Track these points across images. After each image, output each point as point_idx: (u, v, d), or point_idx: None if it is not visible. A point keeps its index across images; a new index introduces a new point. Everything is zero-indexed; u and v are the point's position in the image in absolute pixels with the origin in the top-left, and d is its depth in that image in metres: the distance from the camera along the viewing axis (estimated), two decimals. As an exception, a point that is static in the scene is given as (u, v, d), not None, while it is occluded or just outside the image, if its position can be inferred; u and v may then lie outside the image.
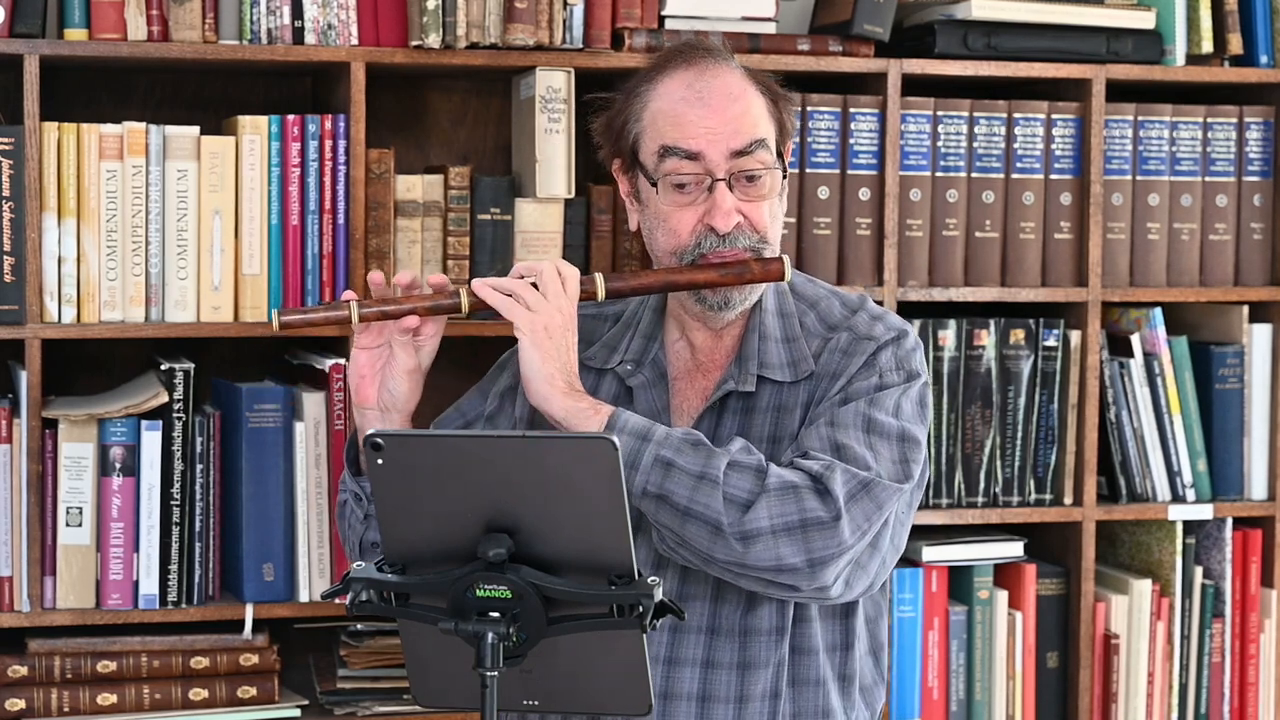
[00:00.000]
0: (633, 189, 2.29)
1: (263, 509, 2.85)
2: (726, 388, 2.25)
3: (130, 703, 2.84)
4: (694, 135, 2.20)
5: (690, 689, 2.20)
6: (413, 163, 3.13)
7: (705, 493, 2.08)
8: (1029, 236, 3.12)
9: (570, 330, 2.18)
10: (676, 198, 2.22)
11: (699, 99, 2.21)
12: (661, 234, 2.24)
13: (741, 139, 2.20)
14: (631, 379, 2.29)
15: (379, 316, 2.22)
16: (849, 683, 2.25)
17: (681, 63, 2.24)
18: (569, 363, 2.17)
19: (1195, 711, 3.23)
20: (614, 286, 2.25)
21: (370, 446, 1.82)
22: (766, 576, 2.10)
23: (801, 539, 2.07)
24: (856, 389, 2.19)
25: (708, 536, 2.08)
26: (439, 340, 2.29)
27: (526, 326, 2.16)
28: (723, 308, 2.24)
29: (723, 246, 2.21)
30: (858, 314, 2.28)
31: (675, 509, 2.09)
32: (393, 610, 1.89)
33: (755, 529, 2.07)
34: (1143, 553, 3.26)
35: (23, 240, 2.75)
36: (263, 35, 2.83)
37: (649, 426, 2.13)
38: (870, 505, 2.11)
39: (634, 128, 2.25)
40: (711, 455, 2.10)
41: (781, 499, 2.08)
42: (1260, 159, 3.22)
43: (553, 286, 2.19)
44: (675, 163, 2.20)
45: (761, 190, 2.22)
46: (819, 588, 2.11)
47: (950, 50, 3.05)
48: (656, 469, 2.09)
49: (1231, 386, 3.23)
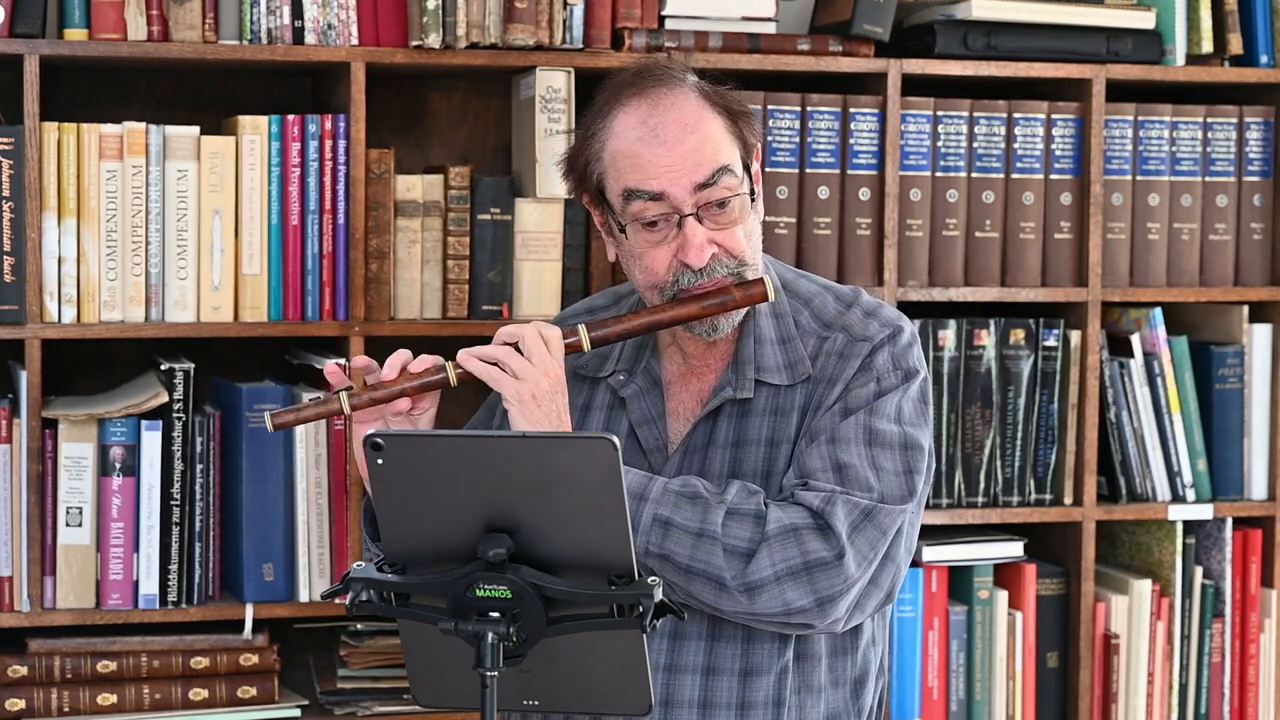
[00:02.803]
0: (606, 223, 2.25)
1: (263, 509, 2.85)
2: (724, 395, 2.23)
3: (130, 703, 2.84)
4: (654, 176, 2.15)
5: (691, 696, 2.19)
6: (413, 163, 3.13)
7: (705, 550, 2.07)
8: (1029, 236, 3.12)
9: (559, 392, 2.15)
10: (648, 236, 2.17)
11: (654, 137, 2.15)
12: (639, 271, 2.21)
13: (703, 171, 2.15)
14: (624, 389, 2.27)
15: (370, 404, 2.20)
16: (859, 686, 2.25)
17: (634, 94, 2.18)
18: (561, 427, 2.14)
19: (1195, 711, 3.23)
20: (598, 335, 2.21)
21: (370, 447, 1.82)
22: (777, 621, 2.10)
23: (807, 581, 2.07)
24: (856, 397, 2.18)
25: (712, 592, 2.08)
26: (435, 410, 2.24)
27: (514, 396, 2.13)
28: (712, 332, 2.21)
29: (701, 279, 2.17)
30: (852, 309, 2.25)
31: (678, 568, 2.08)
32: (393, 610, 1.89)
33: (759, 579, 2.07)
34: (1143, 553, 3.26)
35: (23, 240, 2.75)
36: (263, 35, 2.83)
37: (645, 484, 2.11)
38: (874, 533, 2.11)
39: (595, 168, 2.20)
40: (709, 509, 2.09)
41: (783, 544, 2.07)
42: (1260, 159, 3.22)
43: (536, 349, 2.14)
44: (641, 205, 2.16)
45: (732, 216, 2.17)
46: (831, 622, 2.11)
47: (950, 50, 3.05)
48: (656, 529, 2.09)
49: (1231, 386, 3.23)
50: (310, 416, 2.21)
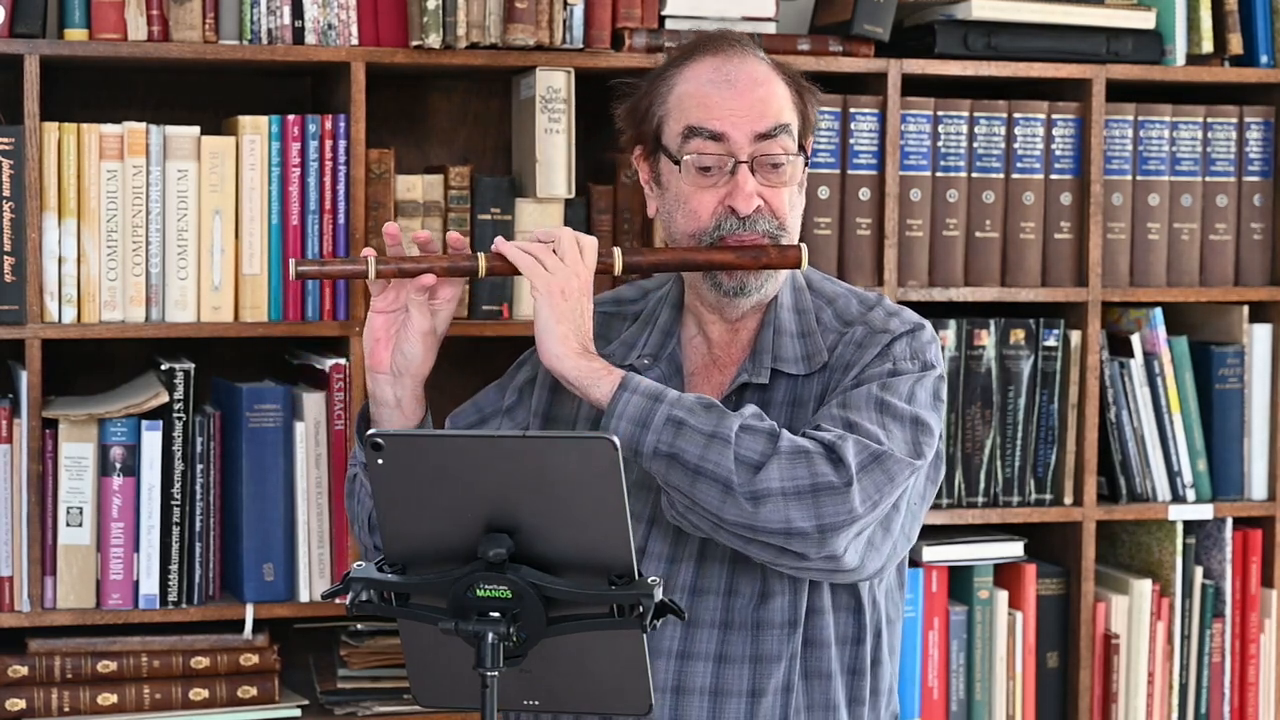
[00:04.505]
0: (653, 174, 2.31)
1: (263, 509, 2.85)
2: (741, 380, 2.26)
3: (130, 703, 2.84)
4: (719, 116, 2.22)
5: (703, 683, 2.20)
6: (413, 163, 3.13)
7: (716, 451, 2.08)
8: (1029, 236, 3.12)
9: (586, 295, 2.20)
10: (699, 179, 2.24)
11: (726, 81, 2.24)
12: (681, 216, 2.26)
13: (766, 122, 2.23)
14: (648, 373, 2.30)
15: (396, 273, 2.24)
16: (859, 676, 2.25)
17: (709, 50, 2.28)
18: (584, 326, 2.19)
19: (1195, 711, 3.23)
20: (631, 261, 2.27)
21: (370, 447, 1.82)
22: (776, 541, 2.09)
23: (812, 503, 2.07)
24: (869, 374, 2.21)
25: (718, 495, 2.08)
26: (455, 305, 2.30)
27: (544, 287, 2.18)
28: (738, 293, 2.25)
29: (742, 230, 2.23)
30: (874, 310, 2.30)
31: (686, 467, 2.09)
32: (393, 610, 1.89)
33: (765, 489, 2.07)
34: (1143, 553, 3.26)
35: (23, 240, 2.75)
36: (263, 35, 2.83)
37: (661, 389, 2.14)
38: (882, 476, 2.11)
39: (658, 110, 2.28)
40: (724, 416, 2.11)
41: (793, 462, 2.08)
42: (1260, 159, 3.22)
43: (571, 253, 2.21)
44: (700, 143, 2.23)
45: (783, 177, 2.25)
46: (828, 555, 2.10)
47: (950, 50, 3.05)
48: (668, 428, 2.10)
49: (1231, 386, 3.23)
50: (334, 273, 2.29)
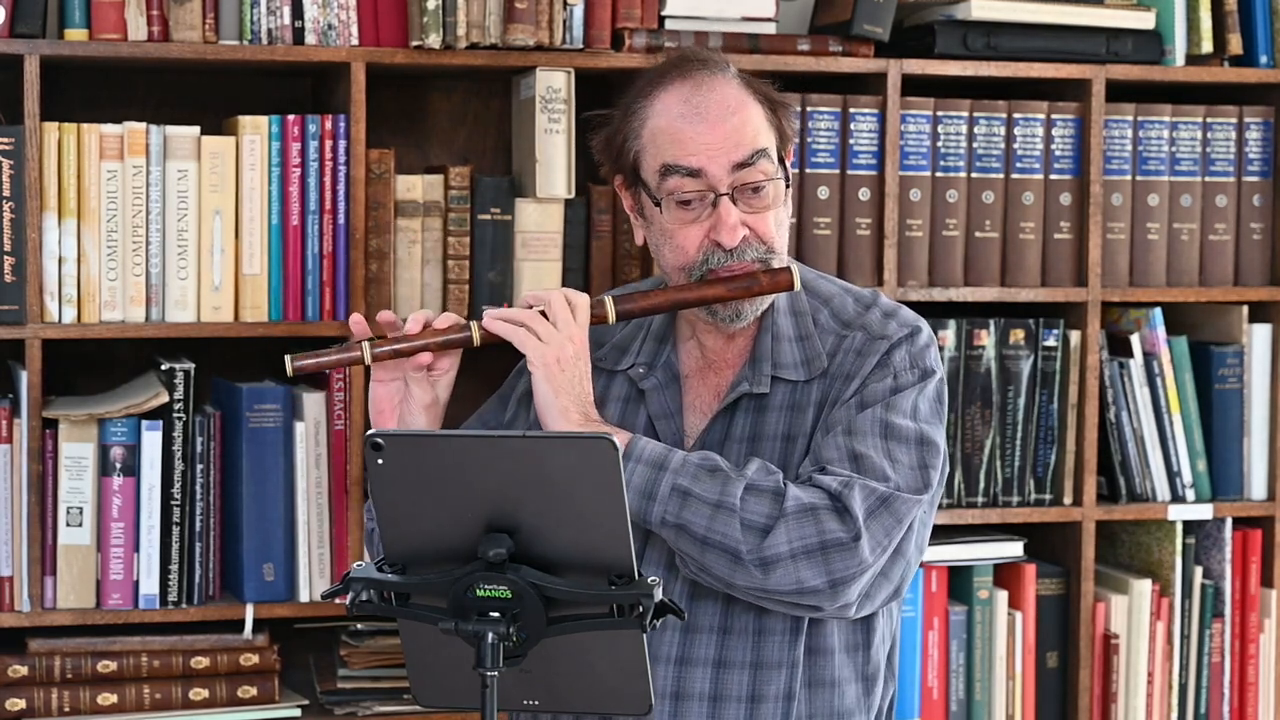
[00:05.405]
0: (636, 204, 2.28)
1: (263, 509, 2.85)
2: (741, 389, 2.24)
3: (130, 703, 2.84)
4: (694, 152, 2.18)
5: (702, 689, 2.20)
6: (413, 163, 3.13)
7: (723, 521, 2.08)
8: (1029, 236, 3.12)
9: (583, 359, 2.18)
10: (681, 215, 2.21)
11: (697, 114, 2.19)
12: (668, 251, 2.24)
13: (742, 151, 2.19)
14: (644, 382, 2.29)
15: (391, 356, 2.23)
16: (870, 683, 2.25)
17: (677, 76, 2.23)
18: (583, 392, 2.17)
19: (1195, 711, 3.23)
20: (624, 309, 2.25)
21: (370, 447, 1.82)
22: (789, 600, 2.10)
23: (822, 561, 2.08)
24: (872, 391, 2.19)
25: (727, 564, 2.09)
26: (455, 374, 2.28)
27: (539, 359, 2.16)
28: (734, 319, 2.24)
29: (730, 260, 2.20)
30: (871, 310, 2.28)
31: (694, 538, 2.09)
32: (393, 610, 1.89)
33: (774, 554, 2.07)
34: (1142, 553, 3.26)
35: (23, 240, 2.75)
36: (263, 35, 2.83)
37: (665, 454, 2.12)
38: (890, 520, 2.11)
39: (633, 145, 2.24)
40: (728, 482, 2.10)
41: (800, 522, 2.08)
42: (1260, 159, 3.22)
43: (562, 315, 2.18)
44: (677, 181, 2.19)
45: (765, 200, 2.21)
46: (841, 606, 2.12)
47: (950, 50, 3.05)
48: (674, 499, 2.09)
49: (1231, 386, 3.23)
50: (331, 363, 2.27)
